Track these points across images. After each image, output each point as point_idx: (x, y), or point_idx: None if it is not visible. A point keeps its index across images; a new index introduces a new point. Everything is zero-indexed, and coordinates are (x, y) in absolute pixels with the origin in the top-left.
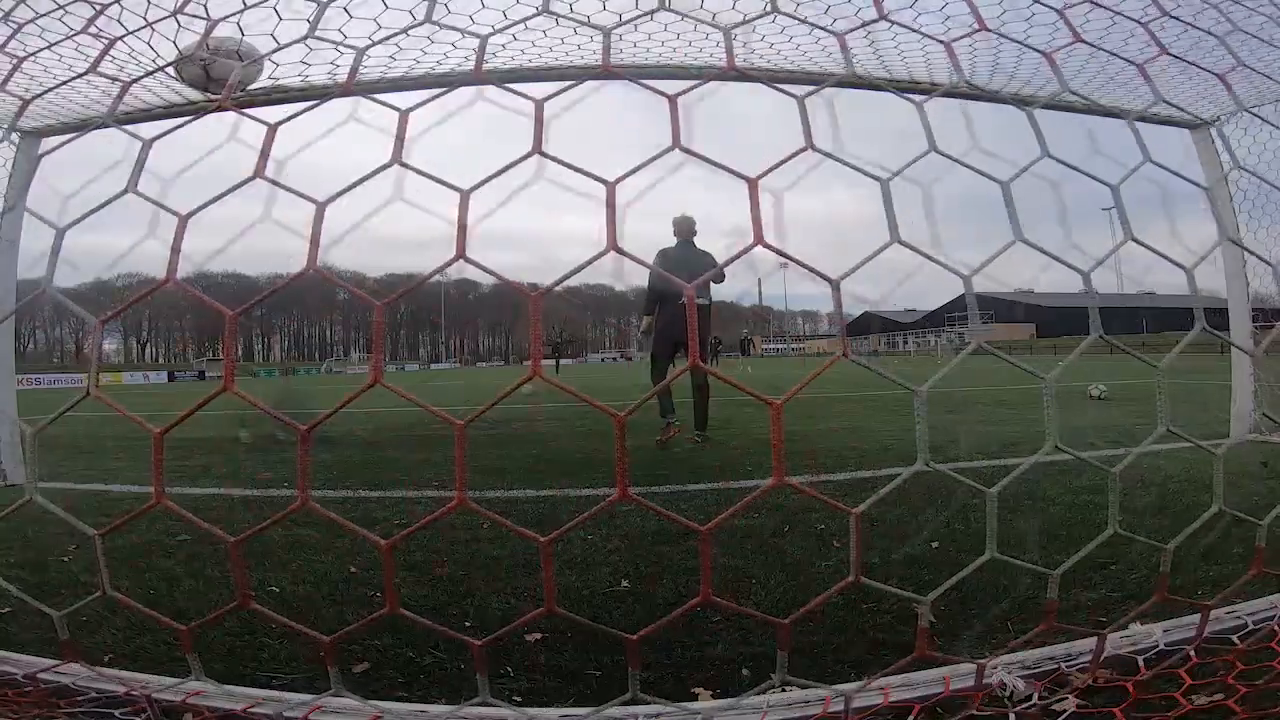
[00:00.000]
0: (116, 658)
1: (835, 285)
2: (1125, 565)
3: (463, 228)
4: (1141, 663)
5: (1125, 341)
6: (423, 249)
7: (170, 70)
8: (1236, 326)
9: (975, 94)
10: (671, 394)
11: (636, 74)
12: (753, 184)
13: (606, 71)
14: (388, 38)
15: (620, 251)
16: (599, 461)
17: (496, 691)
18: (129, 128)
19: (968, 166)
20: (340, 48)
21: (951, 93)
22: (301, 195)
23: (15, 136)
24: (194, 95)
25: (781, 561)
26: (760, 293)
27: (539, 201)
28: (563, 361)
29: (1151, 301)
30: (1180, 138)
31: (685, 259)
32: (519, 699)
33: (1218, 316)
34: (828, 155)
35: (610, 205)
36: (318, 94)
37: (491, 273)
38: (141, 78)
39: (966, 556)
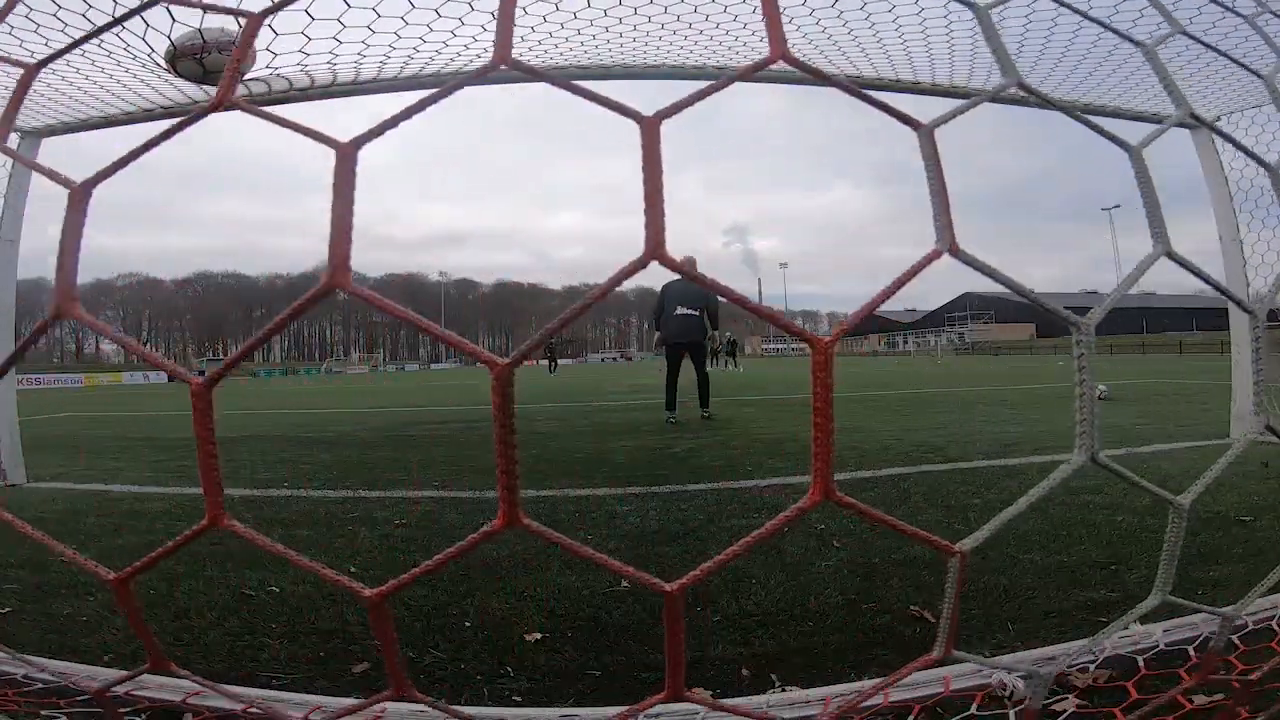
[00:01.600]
0: (116, 658)
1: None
2: (1125, 565)
3: (346, 184)
4: (1141, 663)
5: (1127, 341)
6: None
7: (163, 64)
8: (1236, 326)
9: (975, 95)
10: (675, 393)
11: (627, 73)
12: (925, 130)
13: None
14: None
15: (664, 260)
16: (599, 461)
17: (496, 691)
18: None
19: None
20: (338, 38)
21: (951, 92)
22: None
23: (15, 136)
24: (189, 89)
25: (781, 561)
26: (760, 293)
27: (536, 200)
28: (560, 361)
29: (1152, 302)
30: (1181, 138)
31: (686, 289)
32: (519, 699)
33: (1218, 317)
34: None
35: (651, 149)
36: (319, 92)
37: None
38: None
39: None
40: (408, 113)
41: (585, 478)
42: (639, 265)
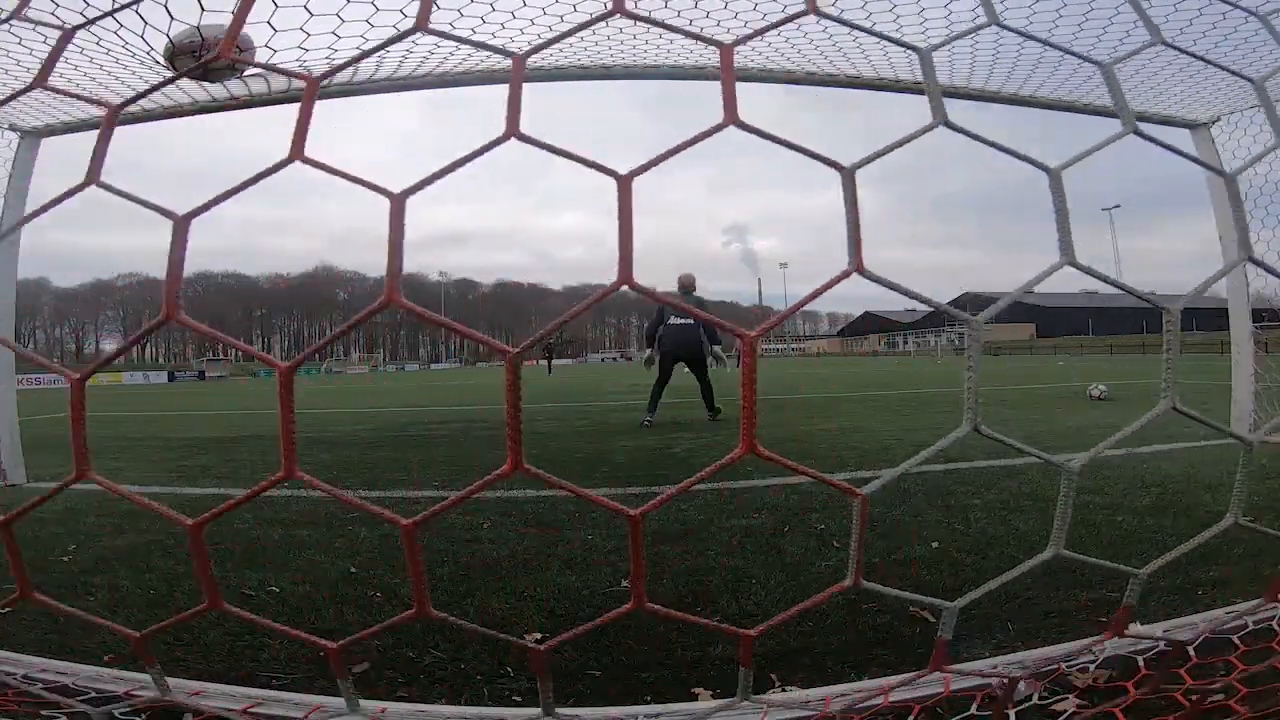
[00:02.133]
0: (117, 658)
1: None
2: (1124, 565)
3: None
4: (1141, 662)
5: (1127, 341)
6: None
7: (162, 62)
8: (1236, 326)
9: (978, 94)
10: (658, 400)
11: (627, 73)
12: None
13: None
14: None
15: (634, 287)
16: (599, 461)
17: (496, 691)
18: (128, 128)
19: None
20: (336, 32)
21: (952, 93)
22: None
23: (15, 136)
24: (191, 88)
25: (781, 561)
26: (760, 292)
27: (537, 201)
28: (556, 361)
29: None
30: (1180, 138)
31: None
32: (519, 699)
33: (1218, 317)
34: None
35: (624, 207)
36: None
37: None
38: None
39: (967, 556)
40: (454, 166)
41: (585, 478)
42: (613, 289)
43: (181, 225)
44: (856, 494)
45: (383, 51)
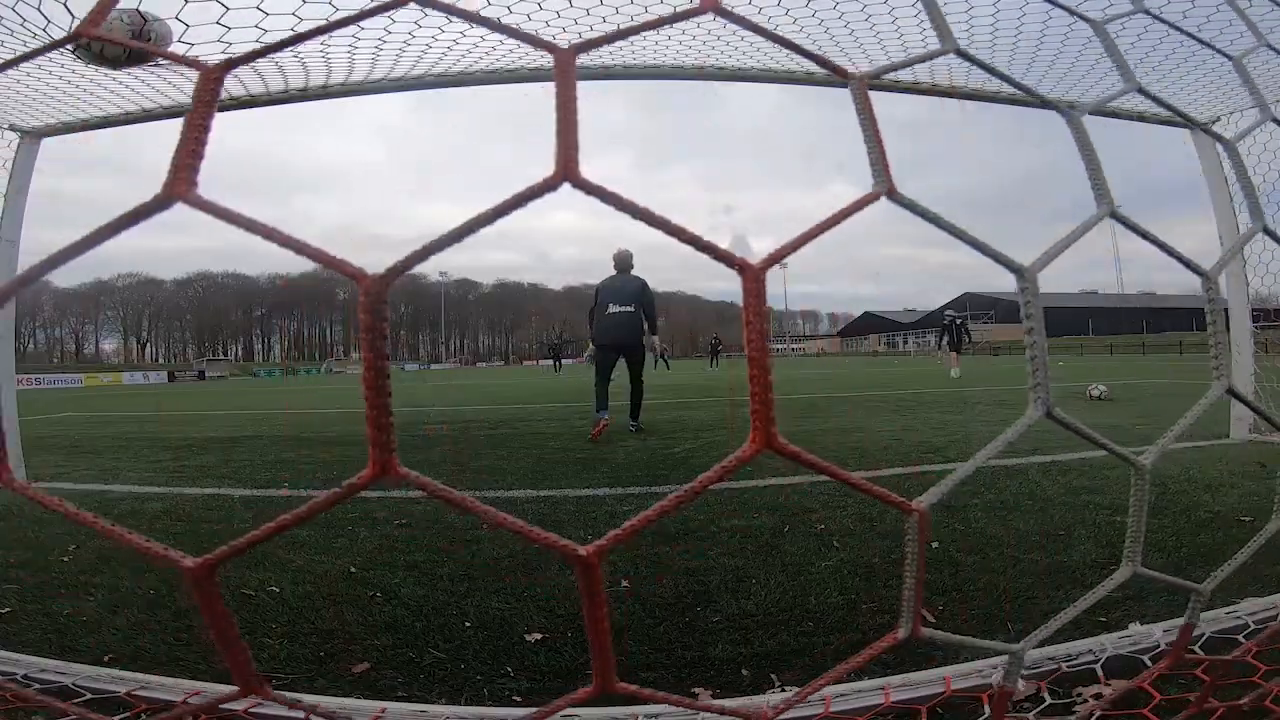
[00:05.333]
0: (117, 658)
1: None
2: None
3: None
4: (1148, 660)
5: (1127, 341)
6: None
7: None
8: (1236, 326)
9: (976, 94)
10: (608, 394)
11: (626, 72)
12: None
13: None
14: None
15: (578, 183)
16: (599, 461)
17: (496, 691)
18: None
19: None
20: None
21: (952, 92)
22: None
23: (15, 136)
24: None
25: (781, 561)
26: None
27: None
28: (563, 361)
29: (1153, 302)
30: (1181, 137)
31: (621, 284)
32: (519, 699)
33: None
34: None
35: (564, 80)
36: (317, 93)
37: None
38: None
39: (967, 557)
40: (443, 242)
41: (585, 478)
42: (549, 185)
43: (212, 76)
44: (912, 509)
45: (378, 50)
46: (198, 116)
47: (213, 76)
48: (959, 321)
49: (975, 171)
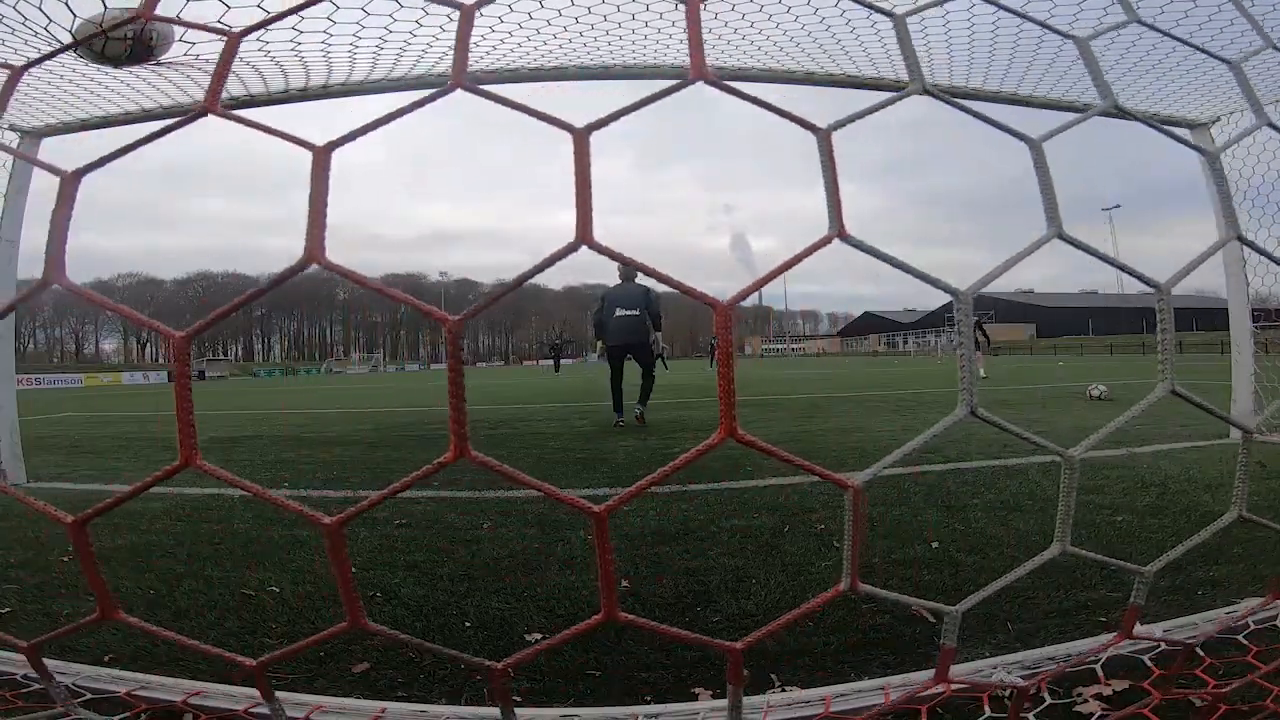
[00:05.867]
0: (117, 657)
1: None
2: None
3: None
4: (1149, 661)
5: (1127, 341)
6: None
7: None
8: (1236, 326)
9: (975, 94)
10: (621, 396)
11: (626, 72)
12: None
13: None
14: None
15: (593, 245)
16: (599, 461)
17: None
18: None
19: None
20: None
21: (953, 91)
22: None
23: (15, 136)
24: (193, 90)
25: (781, 561)
26: (760, 292)
27: (531, 200)
28: (562, 361)
29: (1152, 302)
30: (1181, 137)
31: (626, 291)
32: (519, 699)
33: (1218, 317)
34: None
35: (581, 158)
36: (317, 93)
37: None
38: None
39: (967, 557)
40: (499, 292)
41: (585, 477)
42: (570, 249)
43: (70, 180)
44: (848, 485)
45: (377, 48)
46: (223, 65)
47: (236, 38)
48: (977, 319)
49: (975, 171)
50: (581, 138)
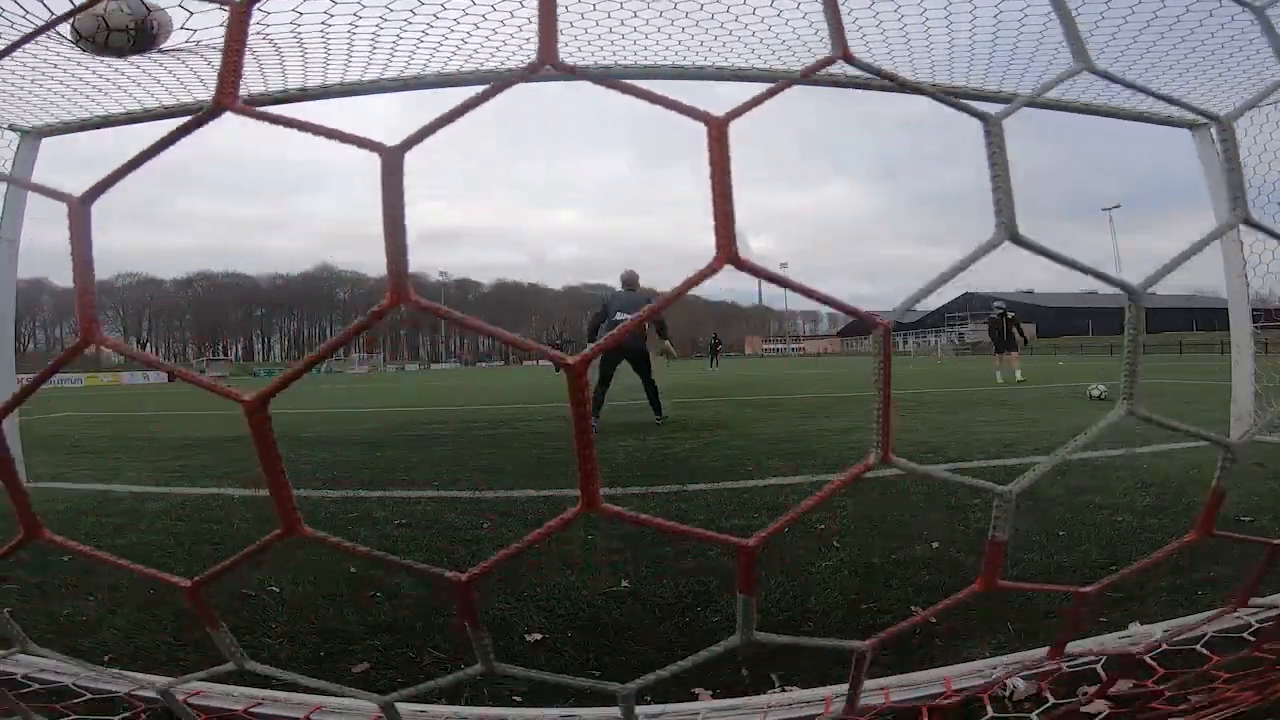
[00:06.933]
0: (117, 658)
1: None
2: (1125, 565)
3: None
4: (1152, 660)
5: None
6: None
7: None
8: (1236, 326)
9: (975, 94)
10: (603, 399)
11: (626, 73)
12: None
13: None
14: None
15: (739, 264)
16: (599, 461)
17: (496, 691)
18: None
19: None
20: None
21: (953, 91)
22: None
23: (15, 136)
24: (198, 92)
25: (781, 562)
26: (760, 292)
27: (532, 199)
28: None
29: (1152, 302)
30: (1181, 137)
31: (631, 298)
32: (519, 699)
33: (1218, 317)
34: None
35: (719, 145)
36: (317, 92)
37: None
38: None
39: (967, 557)
40: (454, 114)
41: None
42: (712, 270)
43: (77, 210)
44: (744, 546)
45: (372, 46)
46: (233, 40)
47: (242, 9)
48: (1011, 315)
49: (974, 172)
50: (719, 126)
